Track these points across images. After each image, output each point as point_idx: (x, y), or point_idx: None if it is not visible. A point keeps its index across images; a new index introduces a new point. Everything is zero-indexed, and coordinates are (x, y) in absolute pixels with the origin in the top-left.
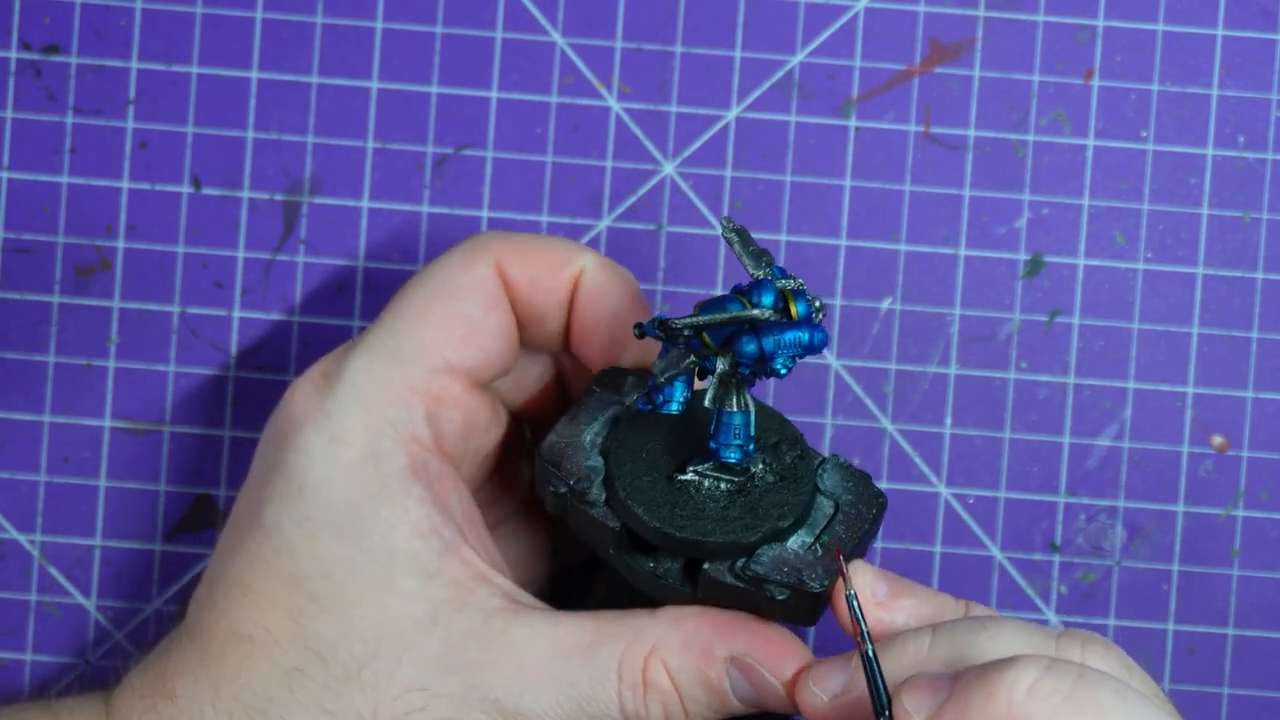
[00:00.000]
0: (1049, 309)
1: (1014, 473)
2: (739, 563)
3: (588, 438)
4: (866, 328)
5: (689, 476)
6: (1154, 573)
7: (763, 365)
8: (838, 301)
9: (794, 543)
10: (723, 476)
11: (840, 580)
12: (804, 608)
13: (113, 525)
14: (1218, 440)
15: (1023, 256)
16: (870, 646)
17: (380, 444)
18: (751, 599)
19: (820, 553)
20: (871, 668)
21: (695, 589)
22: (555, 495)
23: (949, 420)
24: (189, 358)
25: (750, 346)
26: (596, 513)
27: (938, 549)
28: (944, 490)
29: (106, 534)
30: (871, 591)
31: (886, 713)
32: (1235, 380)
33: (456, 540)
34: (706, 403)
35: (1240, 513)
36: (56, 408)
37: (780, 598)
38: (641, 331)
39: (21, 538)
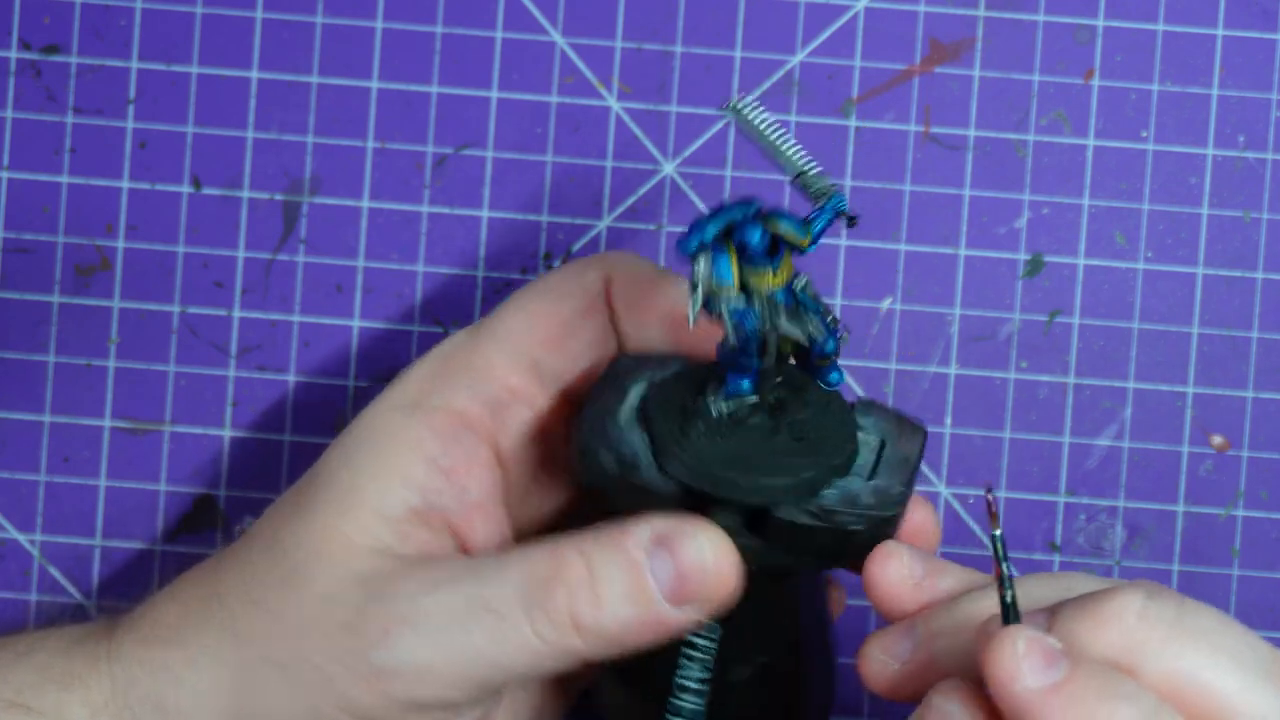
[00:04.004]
0: (1049, 309)
1: (1014, 473)
2: (805, 502)
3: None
4: (866, 328)
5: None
6: (1154, 573)
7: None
8: (838, 301)
9: (853, 479)
10: (742, 400)
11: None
12: (880, 537)
13: (113, 525)
14: (1218, 440)
15: (1023, 256)
16: (1007, 564)
17: (434, 399)
18: (820, 540)
19: (878, 488)
20: (1004, 585)
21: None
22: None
23: (949, 420)
24: (189, 358)
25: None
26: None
27: (938, 549)
28: (944, 490)
29: (106, 534)
30: (910, 572)
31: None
32: (1235, 380)
33: (440, 510)
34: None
35: (1240, 513)
36: (56, 408)
37: (856, 527)
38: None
39: (21, 538)
